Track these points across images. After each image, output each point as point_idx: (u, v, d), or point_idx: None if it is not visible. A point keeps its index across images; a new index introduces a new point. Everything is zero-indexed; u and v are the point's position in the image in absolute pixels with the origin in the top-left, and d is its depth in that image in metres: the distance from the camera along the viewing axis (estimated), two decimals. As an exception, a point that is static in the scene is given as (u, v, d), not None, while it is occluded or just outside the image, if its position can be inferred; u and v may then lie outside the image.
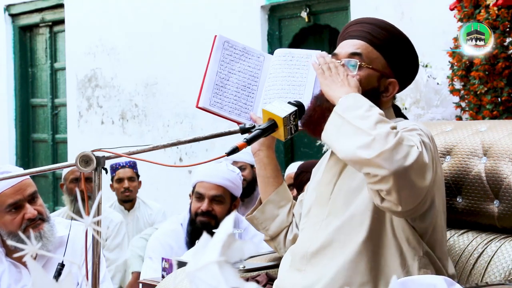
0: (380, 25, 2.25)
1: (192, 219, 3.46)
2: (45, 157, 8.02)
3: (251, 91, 2.54)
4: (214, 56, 2.54)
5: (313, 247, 2.21)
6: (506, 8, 3.64)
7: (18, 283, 2.80)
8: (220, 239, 0.82)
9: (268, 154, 2.52)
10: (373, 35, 2.23)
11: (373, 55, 2.22)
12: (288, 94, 2.45)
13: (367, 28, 2.24)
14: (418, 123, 2.21)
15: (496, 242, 2.38)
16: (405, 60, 2.26)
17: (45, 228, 2.76)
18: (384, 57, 2.22)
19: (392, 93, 2.25)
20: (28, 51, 8.19)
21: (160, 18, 6.60)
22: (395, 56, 2.24)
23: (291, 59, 2.51)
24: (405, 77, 2.29)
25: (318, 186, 2.31)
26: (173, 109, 6.52)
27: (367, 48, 2.22)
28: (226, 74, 2.53)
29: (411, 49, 2.27)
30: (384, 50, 2.22)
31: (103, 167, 2.14)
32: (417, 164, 1.94)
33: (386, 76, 2.23)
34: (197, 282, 0.81)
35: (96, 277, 2.15)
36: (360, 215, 2.15)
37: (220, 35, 2.56)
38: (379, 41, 2.22)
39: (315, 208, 2.28)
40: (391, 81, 2.24)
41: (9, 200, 2.73)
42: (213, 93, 2.50)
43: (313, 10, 5.76)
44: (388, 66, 2.23)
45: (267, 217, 2.53)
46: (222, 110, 2.50)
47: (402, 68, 2.26)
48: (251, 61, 2.57)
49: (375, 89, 2.22)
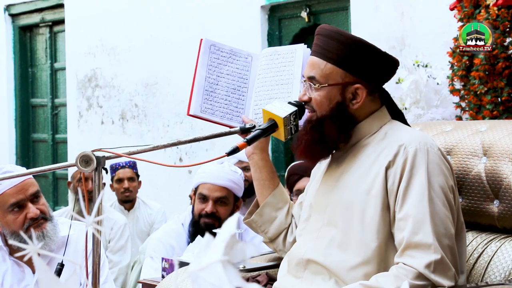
0: (330, 35, 2.22)
1: (195, 221, 3.46)
2: (45, 157, 8.01)
3: (241, 94, 2.54)
4: (202, 60, 2.54)
5: (308, 255, 2.21)
6: (506, 8, 3.64)
7: (21, 283, 2.81)
8: (223, 239, 0.82)
9: (262, 157, 2.52)
10: (324, 48, 2.21)
11: (327, 70, 2.20)
12: (277, 94, 2.47)
13: (320, 41, 2.24)
14: (425, 139, 2.18)
15: (496, 242, 2.38)
16: (364, 62, 2.21)
17: (47, 228, 2.76)
18: (340, 67, 2.20)
19: (362, 97, 2.21)
20: (28, 51, 8.18)
21: (160, 18, 6.60)
22: (350, 62, 2.20)
23: (277, 57, 2.53)
24: (373, 76, 2.24)
25: (317, 192, 2.31)
26: (173, 109, 6.52)
27: (320, 66, 2.21)
28: (215, 79, 2.53)
29: (366, 49, 2.21)
30: (337, 60, 2.20)
31: (103, 167, 2.14)
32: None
33: (349, 84, 2.21)
34: (200, 282, 0.81)
35: (97, 277, 2.15)
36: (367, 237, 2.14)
37: (206, 39, 2.56)
38: (330, 53, 2.20)
39: (314, 215, 2.28)
40: (356, 87, 2.21)
41: (12, 200, 2.73)
42: (203, 99, 2.50)
43: (313, 10, 5.76)
44: (348, 74, 2.20)
45: (265, 220, 2.53)
46: (213, 116, 2.50)
47: (364, 70, 2.22)
48: (239, 62, 2.57)
49: (340, 103, 2.21)
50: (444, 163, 2.16)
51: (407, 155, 2.12)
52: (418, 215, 2.07)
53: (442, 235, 2.06)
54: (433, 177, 2.11)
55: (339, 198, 2.20)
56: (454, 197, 2.17)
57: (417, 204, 2.08)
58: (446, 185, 2.13)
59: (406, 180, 2.10)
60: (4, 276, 2.80)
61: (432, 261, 2.02)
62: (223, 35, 5.92)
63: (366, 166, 2.18)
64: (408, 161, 2.11)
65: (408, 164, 2.11)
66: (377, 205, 2.12)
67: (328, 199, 2.24)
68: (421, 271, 2.02)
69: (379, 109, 2.27)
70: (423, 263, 2.02)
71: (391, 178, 2.13)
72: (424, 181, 2.09)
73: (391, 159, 2.14)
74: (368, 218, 2.12)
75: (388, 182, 2.13)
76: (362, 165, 2.19)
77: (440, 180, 2.12)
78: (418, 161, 2.11)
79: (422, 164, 2.11)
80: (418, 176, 2.10)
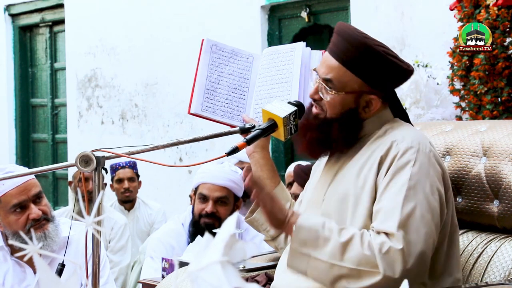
0: (352, 42, 2.17)
1: (195, 221, 3.46)
2: (45, 157, 8.02)
3: (242, 93, 2.55)
4: (203, 60, 2.54)
5: None
6: (506, 8, 3.64)
7: (22, 283, 2.81)
8: (223, 239, 0.82)
9: (263, 155, 2.52)
10: (344, 53, 2.17)
11: (345, 77, 2.17)
12: (277, 93, 2.47)
13: (340, 43, 2.19)
14: (420, 138, 2.16)
15: (496, 242, 2.38)
16: (382, 74, 2.19)
17: (49, 228, 2.76)
18: (358, 76, 2.17)
19: (376, 107, 2.20)
20: (28, 51, 8.18)
21: (160, 18, 6.60)
22: (369, 73, 2.17)
23: (277, 56, 2.53)
24: (389, 88, 2.24)
25: (315, 188, 2.31)
26: (173, 109, 6.52)
27: (339, 71, 2.17)
28: (216, 78, 2.54)
29: (385, 62, 2.19)
30: (356, 69, 2.17)
31: (103, 167, 2.14)
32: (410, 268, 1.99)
33: (365, 93, 2.19)
34: (199, 282, 0.81)
35: (97, 277, 2.15)
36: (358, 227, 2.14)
37: (207, 39, 2.57)
38: (349, 59, 2.17)
39: (309, 209, 2.28)
40: (371, 97, 2.19)
41: (14, 200, 2.73)
42: (205, 98, 2.51)
43: (313, 10, 5.76)
44: (364, 84, 2.18)
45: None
46: (214, 114, 2.51)
47: (380, 82, 2.20)
48: (240, 62, 2.57)
49: (353, 110, 2.19)
50: (433, 164, 2.14)
51: (397, 152, 2.11)
52: (389, 206, 2.05)
53: (411, 233, 2.02)
54: (415, 175, 2.08)
55: (334, 191, 2.20)
56: (441, 200, 2.12)
57: (392, 197, 2.05)
58: (429, 187, 2.09)
59: (390, 175, 2.09)
60: (5, 276, 2.80)
61: (389, 246, 1.99)
62: (223, 35, 5.92)
63: (362, 162, 2.19)
64: (397, 157, 2.11)
65: (396, 160, 2.11)
66: (368, 200, 2.12)
67: (325, 192, 2.24)
68: (373, 244, 1.99)
69: (384, 110, 2.26)
70: (379, 241, 2.00)
71: (380, 172, 2.12)
72: (405, 178, 2.07)
73: (383, 154, 2.13)
74: (358, 212, 2.12)
75: (378, 176, 2.13)
76: (359, 161, 2.20)
77: (423, 180, 2.09)
78: (406, 158, 2.10)
79: (409, 162, 2.10)
80: (403, 173, 2.08)
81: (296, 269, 2.09)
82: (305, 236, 2.04)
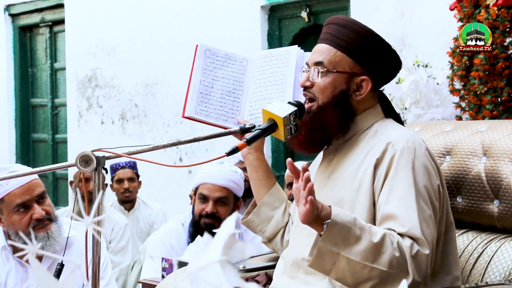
0: (345, 24, 2.23)
1: (195, 221, 3.46)
2: (45, 157, 8.02)
3: (236, 96, 2.56)
4: (197, 65, 2.57)
5: (302, 254, 2.20)
6: (506, 8, 3.64)
7: (24, 283, 2.81)
8: (222, 239, 0.82)
9: (257, 157, 2.52)
10: (336, 37, 2.22)
11: (336, 58, 2.21)
12: (271, 95, 2.49)
13: (332, 29, 2.24)
14: (414, 137, 2.17)
15: (496, 242, 2.38)
16: (375, 55, 2.23)
17: (52, 229, 2.76)
18: (350, 57, 2.21)
19: (366, 90, 2.21)
20: (28, 51, 8.18)
21: (160, 18, 6.61)
22: (361, 53, 2.21)
23: (271, 59, 2.55)
24: (380, 71, 2.26)
25: None
26: (173, 109, 6.52)
27: (330, 52, 2.21)
28: (210, 82, 2.56)
29: (379, 44, 2.23)
30: (349, 50, 2.20)
31: (103, 167, 2.14)
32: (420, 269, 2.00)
33: (356, 75, 2.21)
34: (198, 282, 0.82)
35: (97, 277, 2.15)
36: None
37: (201, 44, 2.60)
38: (342, 41, 2.21)
39: None
40: (362, 78, 2.21)
41: (18, 200, 2.73)
42: (198, 101, 2.53)
43: (313, 10, 5.76)
44: (356, 65, 2.21)
45: (262, 219, 2.53)
46: (208, 117, 2.53)
47: (374, 64, 2.23)
48: (234, 66, 2.59)
49: (344, 92, 2.21)
50: (430, 162, 2.15)
51: (394, 153, 2.12)
52: (402, 209, 2.05)
53: (427, 234, 2.04)
54: (418, 176, 2.09)
55: (329, 195, 2.20)
56: (440, 197, 2.15)
57: (404, 202, 2.06)
58: (430, 185, 2.11)
59: (391, 177, 2.10)
60: (8, 275, 2.80)
61: (418, 249, 2.00)
62: (223, 35, 5.92)
63: (356, 164, 2.19)
64: (394, 158, 2.11)
65: (395, 161, 2.11)
66: (366, 203, 2.12)
67: (319, 196, 2.24)
68: (404, 247, 1.99)
69: (374, 106, 2.27)
70: (408, 244, 2.00)
71: (378, 175, 2.12)
72: (410, 180, 2.08)
73: (379, 156, 2.14)
74: (357, 215, 2.12)
75: (375, 179, 2.13)
76: (353, 163, 2.20)
77: (425, 179, 2.11)
78: (404, 159, 2.11)
79: (409, 163, 2.10)
80: (404, 174, 2.09)
81: (320, 268, 2.04)
82: (337, 234, 1.98)
